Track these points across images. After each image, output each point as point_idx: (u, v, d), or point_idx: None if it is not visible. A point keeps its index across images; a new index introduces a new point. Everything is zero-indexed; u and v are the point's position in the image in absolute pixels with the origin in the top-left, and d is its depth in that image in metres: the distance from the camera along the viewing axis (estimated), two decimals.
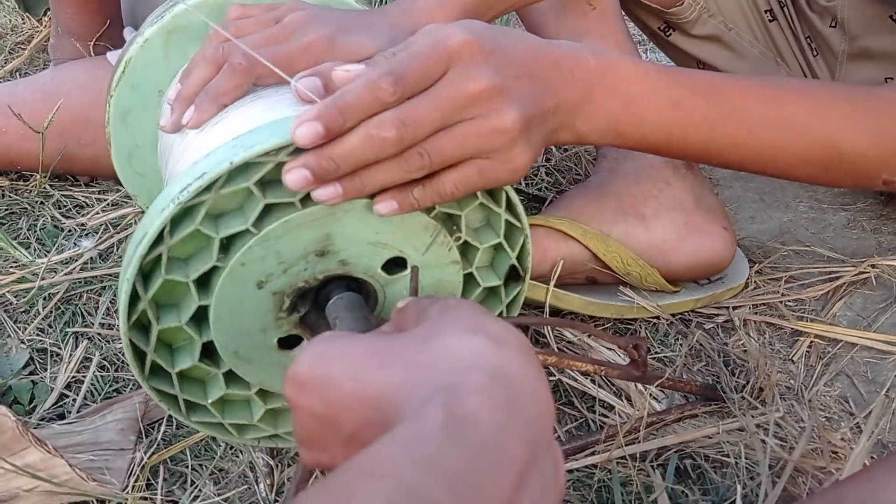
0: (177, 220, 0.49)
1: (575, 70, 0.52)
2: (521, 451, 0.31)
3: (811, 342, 0.79)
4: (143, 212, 0.93)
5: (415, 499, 0.27)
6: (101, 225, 0.94)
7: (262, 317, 0.54)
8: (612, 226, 0.76)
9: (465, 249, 0.57)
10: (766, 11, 0.94)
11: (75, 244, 0.90)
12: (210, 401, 0.56)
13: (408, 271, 0.55)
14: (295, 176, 0.46)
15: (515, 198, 0.55)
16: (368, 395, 0.35)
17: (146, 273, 0.51)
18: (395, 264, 0.55)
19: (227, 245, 0.51)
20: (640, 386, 0.70)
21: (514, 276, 0.60)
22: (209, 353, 0.55)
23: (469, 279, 0.58)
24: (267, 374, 0.57)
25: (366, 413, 0.35)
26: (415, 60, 0.47)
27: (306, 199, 0.50)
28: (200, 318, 0.53)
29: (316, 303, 0.55)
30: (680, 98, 0.55)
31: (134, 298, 0.51)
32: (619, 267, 0.76)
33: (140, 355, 0.53)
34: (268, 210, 0.50)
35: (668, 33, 0.96)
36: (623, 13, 0.88)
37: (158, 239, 0.49)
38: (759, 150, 0.58)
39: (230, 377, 0.56)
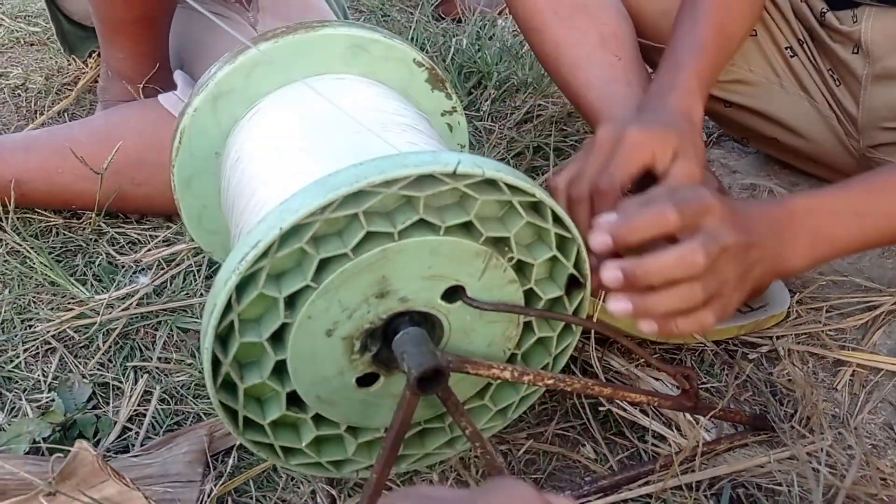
0: (241, 287, 0.53)
1: (773, 224, 0.63)
2: None
3: (853, 371, 0.80)
4: (196, 247, 0.96)
5: None
6: (155, 261, 0.97)
7: (337, 361, 0.57)
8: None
9: (522, 267, 0.59)
10: (786, 48, 0.97)
11: (131, 281, 0.93)
12: (304, 444, 0.59)
13: (467, 296, 0.57)
14: (610, 274, 0.56)
15: (561, 211, 0.58)
16: None
17: (223, 338, 0.54)
18: (454, 292, 0.58)
19: (293, 301, 0.54)
20: (690, 416, 0.72)
21: (574, 283, 0.62)
22: (295, 400, 0.58)
23: (530, 294, 0.60)
24: (352, 412, 0.60)
25: None
26: (676, 207, 0.57)
27: (358, 248, 0.53)
28: (281, 370, 0.56)
29: (385, 340, 0.57)
30: (858, 205, 0.65)
31: (217, 363, 0.54)
32: None
33: (232, 412, 0.56)
34: (324, 263, 0.53)
35: None
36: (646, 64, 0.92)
37: (227, 307, 0.53)
38: None
39: (319, 419, 0.59)
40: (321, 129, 0.66)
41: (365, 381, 0.59)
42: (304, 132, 0.66)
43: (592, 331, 0.77)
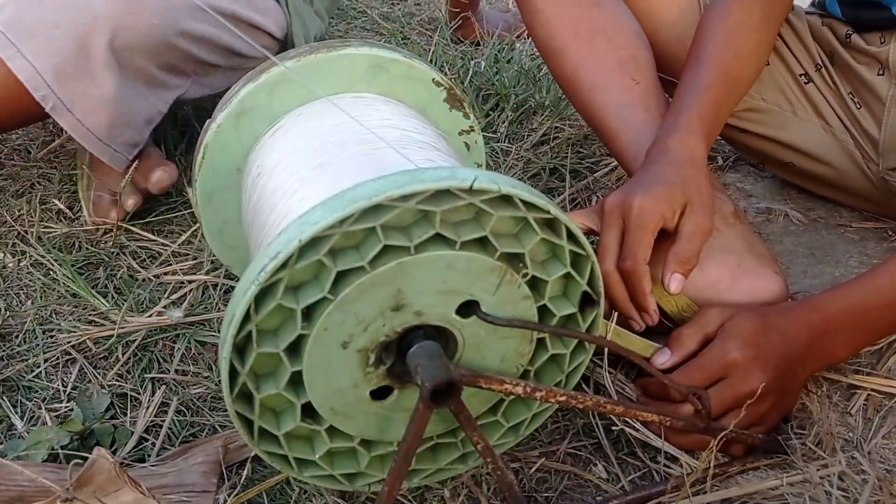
0: (259, 297, 0.54)
1: (813, 335, 0.73)
2: None
3: (868, 395, 0.80)
4: (215, 261, 0.98)
5: None
6: (180, 283, 0.98)
7: (352, 373, 0.58)
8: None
9: (536, 283, 0.60)
10: (800, 75, 0.98)
11: (165, 313, 0.93)
12: (317, 455, 0.60)
13: (482, 311, 0.58)
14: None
15: (576, 228, 0.58)
16: None
17: (241, 348, 0.55)
18: (468, 307, 0.58)
19: (309, 313, 0.55)
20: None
21: (588, 301, 0.62)
22: (310, 412, 0.59)
23: (544, 310, 0.61)
24: (366, 425, 0.61)
25: None
26: (699, 373, 0.69)
27: (375, 261, 0.54)
28: (296, 382, 0.57)
29: (400, 353, 0.58)
30: (888, 297, 0.73)
31: (234, 373, 0.55)
32: (674, 313, 0.78)
33: (247, 423, 0.57)
34: (341, 276, 0.54)
35: None
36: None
37: (246, 317, 0.54)
38: None
39: (332, 431, 0.60)
40: (341, 145, 0.67)
41: (379, 394, 0.60)
42: (324, 148, 0.67)
43: (606, 350, 0.77)
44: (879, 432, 0.76)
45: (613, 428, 0.75)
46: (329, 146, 0.67)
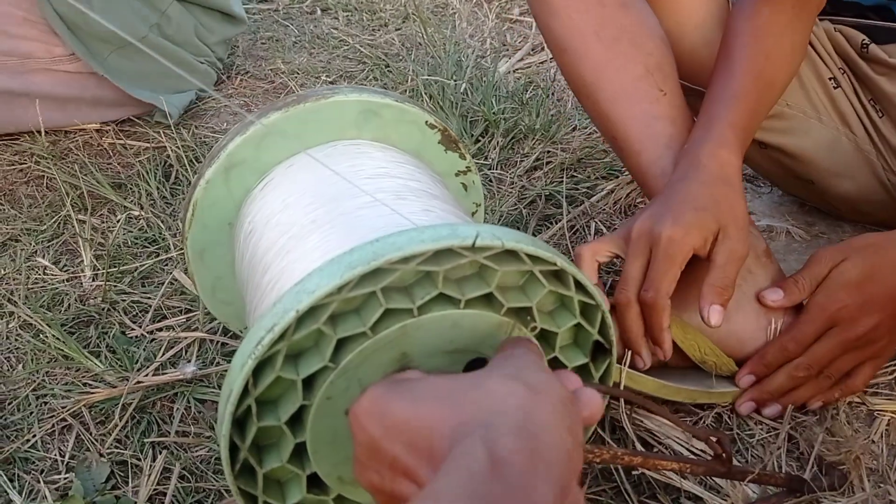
0: (257, 370, 0.51)
1: None
2: (548, 491, 0.36)
3: (889, 420, 0.78)
4: (207, 314, 0.95)
5: None
6: (175, 339, 0.95)
7: None
8: (693, 314, 0.77)
9: (545, 335, 0.58)
10: (829, 79, 0.93)
11: (176, 367, 0.90)
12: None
13: None
14: (746, 407, 0.77)
15: (584, 278, 0.56)
16: (416, 424, 0.41)
17: (241, 421, 0.53)
18: (477, 364, 0.56)
19: (311, 382, 0.52)
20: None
21: (600, 349, 0.60)
22: (317, 481, 0.56)
23: (555, 362, 0.59)
24: None
25: (411, 440, 0.41)
26: (809, 327, 0.73)
27: (377, 326, 0.51)
28: (301, 452, 0.54)
29: None
30: None
31: (234, 448, 0.53)
32: (695, 355, 0.76)
33: (252, 498, 0.55)
34: (342, 343, 0.51)
35: None
36: None
37: (244, 391, 0.51)
38: None
39: (342, 500, 0.57)
40: (334, 199, 0.65)
41: None
42: (316, 203, 0.65)
43: (622, 380, 0.75)
44: None
45: (634, 472, 0.72)
46: (321, 201, 0.65)
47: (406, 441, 0.41)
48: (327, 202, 0.64)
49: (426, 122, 0.74)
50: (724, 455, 0.64)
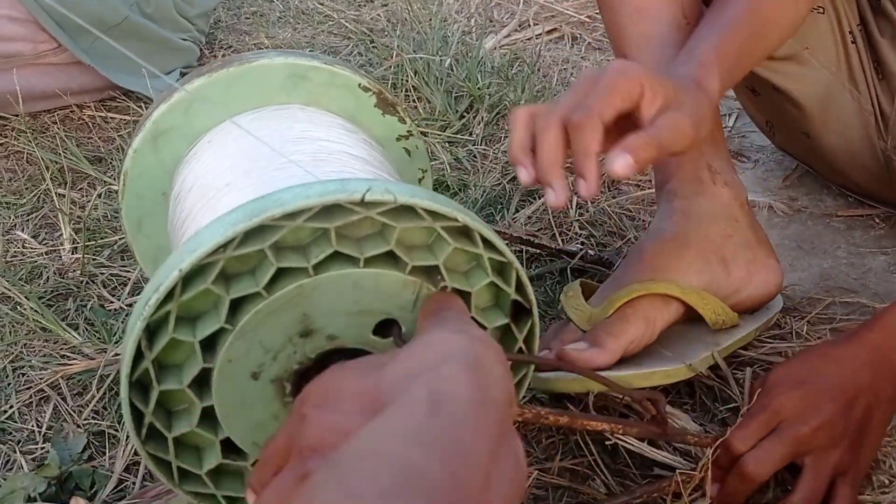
0: (154, 331, 0.51)
1: (875, 364, 0.66)
2: (495, 426, 0.35)
3: None
4: None
5: (411, 470, 0.31)
6: None
7: (270, 405, 0.54)
8: (700, 276, 0.76)
9: (461, 295, 0.55)
10: (849, 32, 0.91)
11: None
12: (205, 470, 0.56)
13: (404, 329, 0.54)
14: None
15: (491, 234, 0.53)
16: (363, 390, 0.39)
17: (145, 386, 0.52)
18: (388, 325, 0.54)
19: (212, 345, 0.51)
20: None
21: (521, 310, 0.58)
22: (234, 447, 0.55)
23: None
24: None
25: (365, 410, 0.38)
26: (749, 430, 0.65)
27: (271, 286, 0.50)
28: (212, 417, 0.54)
29: None
30: None
31: (140, 414, 0.53)
32: (713, 320, 0.76)
33: (165, 464, 0.54)
34: (237, 303, 0.50)
35: None
36: None
37: (140, 355, 0.51)
38: None
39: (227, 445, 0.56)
40: (253, 163, 0.63)
41: None
42: (234, 168, 0.64)
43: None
44: None
45: (607, 442, 0.73)
46: (240, 165, 0.63)
47: (356, 411, 0.39)
48: (245, 167, 0.63)
49: (359, 84, 0.72)
50: (657, 416, 0.63)
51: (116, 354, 0.88)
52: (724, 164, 0.82)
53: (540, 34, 1.52)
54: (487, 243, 0.54)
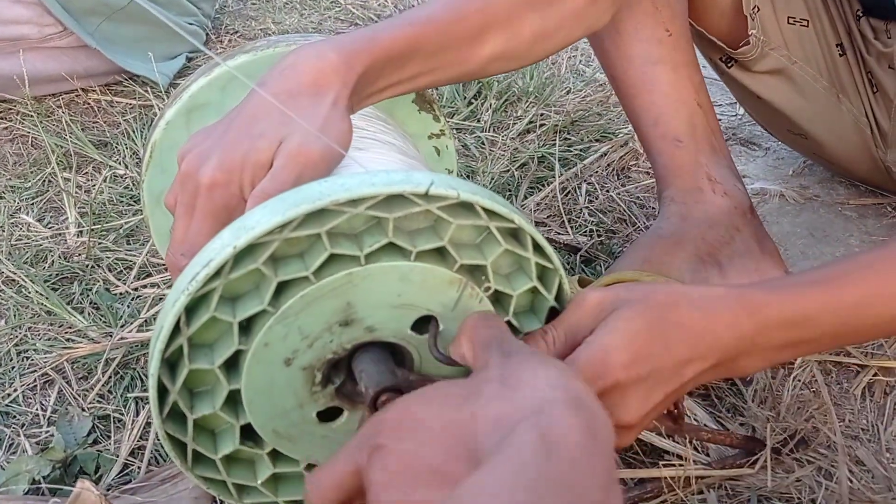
0: (192, 309, 0.49)
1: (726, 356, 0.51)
2: (605, 467, 0.34)
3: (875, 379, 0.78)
4: None
5: None
6: (161, 296, 0.94)
7: (296, 393, 0.53)
8: (693, 275, 0.75)
9: (500, 297, 0.54)
10: (837, 45, 0.91)
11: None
12: (259, 481, 0.55)
13: (441, 328, 0.53)
14: None
15: (542, 239, 0.53)
16: (455, 423, 0.37)
17: (173, 364, 0.51)
18: (425, 322, 0.53)
19: (249, 327, 0.50)
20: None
21: (556, 316, 0.56)
22: (252, 434, 0.54)
23: (509, 327, 0.55)
24: (312, 449, 0.56)
25: (452, 447, 0.36)
26: None
27: (321, 271, 0.49)
28: (235, 401, 0.52)
29: (350, 371, 0.53)
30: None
31: (165, 391, 0.51)
32: None
33: (181, 445, 0.53)
34: (283, 287, 0.49)
35: (729, 65, 0.94)
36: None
37: (176, 331, 0.49)
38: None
39: (276, 455, 0.55)
40: None
41: (327, 415, 0.55)
42: None
43: None
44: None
45: None
46: None
47: (444, 451, 0.36)
48: None
49: None
50: (675, 411, 0.62)
51: (122, 338, 0.87)
52: (724, 173, 0.81)
53: None
54: (536, 248, 0.53)
